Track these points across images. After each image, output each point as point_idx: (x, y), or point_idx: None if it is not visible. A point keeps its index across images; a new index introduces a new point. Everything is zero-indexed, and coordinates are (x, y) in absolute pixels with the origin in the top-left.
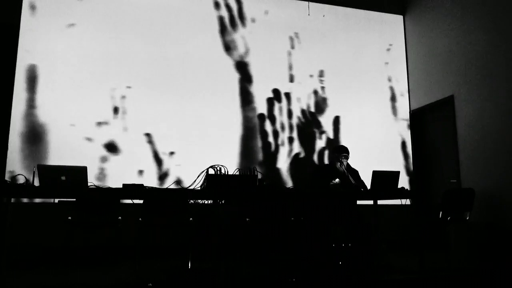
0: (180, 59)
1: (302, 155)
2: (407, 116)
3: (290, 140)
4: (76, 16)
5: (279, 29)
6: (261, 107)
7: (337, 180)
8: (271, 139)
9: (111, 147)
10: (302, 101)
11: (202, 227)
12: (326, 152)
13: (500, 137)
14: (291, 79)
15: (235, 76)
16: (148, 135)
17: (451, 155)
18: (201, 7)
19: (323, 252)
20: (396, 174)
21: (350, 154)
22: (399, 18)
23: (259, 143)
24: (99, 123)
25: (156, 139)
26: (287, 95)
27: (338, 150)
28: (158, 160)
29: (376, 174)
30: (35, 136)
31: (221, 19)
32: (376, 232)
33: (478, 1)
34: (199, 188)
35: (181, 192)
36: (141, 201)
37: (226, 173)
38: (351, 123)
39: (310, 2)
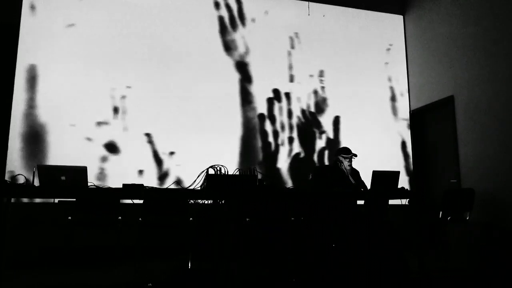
0: (180, 59)
1: (302, 155)
2: (407, 116)
3: (290, 140)
4: (76, 16)
5: (279, 29)
6: (261, 107)
7: None
8: (271, 139)
9: (111, 147)
10: (302, 101)
11: (202, 227)
12: (326, 152)
13: (500, 137)
14: (291, 79)
15: (235, 76)
16: (148, 135)
17: (451, 155)
18: (201, 7)
19: (323, 252)
20: (396, 174)
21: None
22: (399, 18)
23: (259, 143)
24: (99, 123)
25: (156, 139)
26: (287, 95)
27: (346, 151)
28: (158, 160)
29: (376, 174)
30: (35, 136)
31: (221, 19)
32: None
33: (478, 1)
34: (199, 188)
35: (181, 192)
36: (141, 201)
37: (226, 173)
38: (351, 123)
39: (310, 2)
